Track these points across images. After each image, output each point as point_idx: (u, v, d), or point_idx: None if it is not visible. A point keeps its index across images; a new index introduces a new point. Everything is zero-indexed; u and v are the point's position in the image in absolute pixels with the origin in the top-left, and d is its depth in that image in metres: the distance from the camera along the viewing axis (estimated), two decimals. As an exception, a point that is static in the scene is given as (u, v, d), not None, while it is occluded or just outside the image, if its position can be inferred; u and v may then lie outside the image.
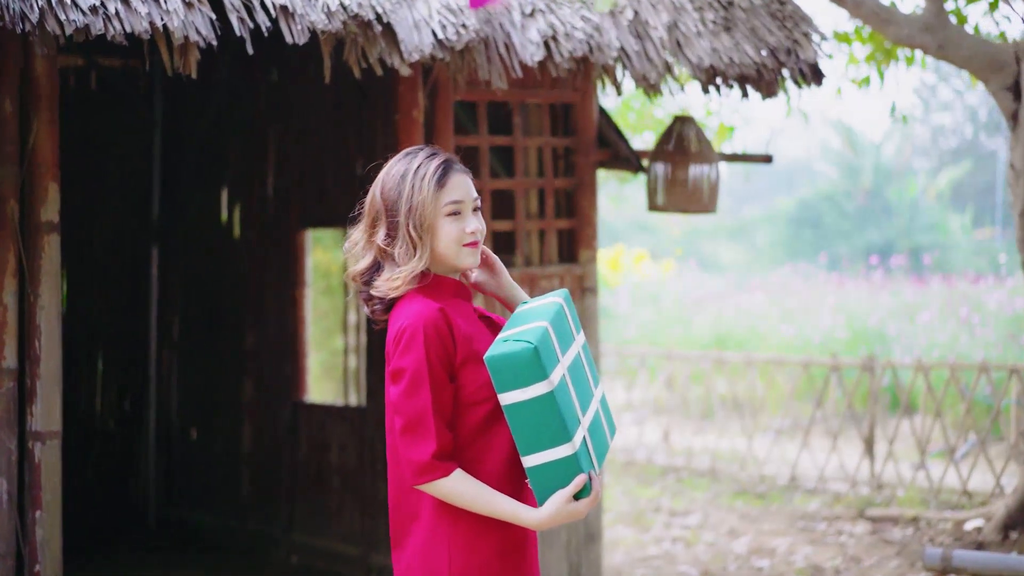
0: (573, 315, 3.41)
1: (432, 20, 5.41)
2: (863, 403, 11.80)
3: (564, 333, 3.28)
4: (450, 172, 3.29)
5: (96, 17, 4.53)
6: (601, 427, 3.36)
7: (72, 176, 8.84)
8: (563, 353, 3.23)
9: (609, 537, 8.95)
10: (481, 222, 3.35)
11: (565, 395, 3.16)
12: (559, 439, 3.11)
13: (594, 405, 3.34)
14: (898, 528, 8.90)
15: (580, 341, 3.39)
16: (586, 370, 3.37)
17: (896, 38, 7.64)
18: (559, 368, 3.17)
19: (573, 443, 3.12)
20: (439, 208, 3.26)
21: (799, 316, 16.17)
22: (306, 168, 8.11)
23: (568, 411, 3.15)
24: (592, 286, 7.01)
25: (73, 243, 8.90)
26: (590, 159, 7.00)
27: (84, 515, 8.67)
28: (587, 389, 3.32)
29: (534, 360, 3.07)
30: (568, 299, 3.43)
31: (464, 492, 3.19)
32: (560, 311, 3.31)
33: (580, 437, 3.16)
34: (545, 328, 3.16)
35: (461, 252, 3.29)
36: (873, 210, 29.88)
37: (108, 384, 9.09)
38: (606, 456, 3.40)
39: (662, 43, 6.27)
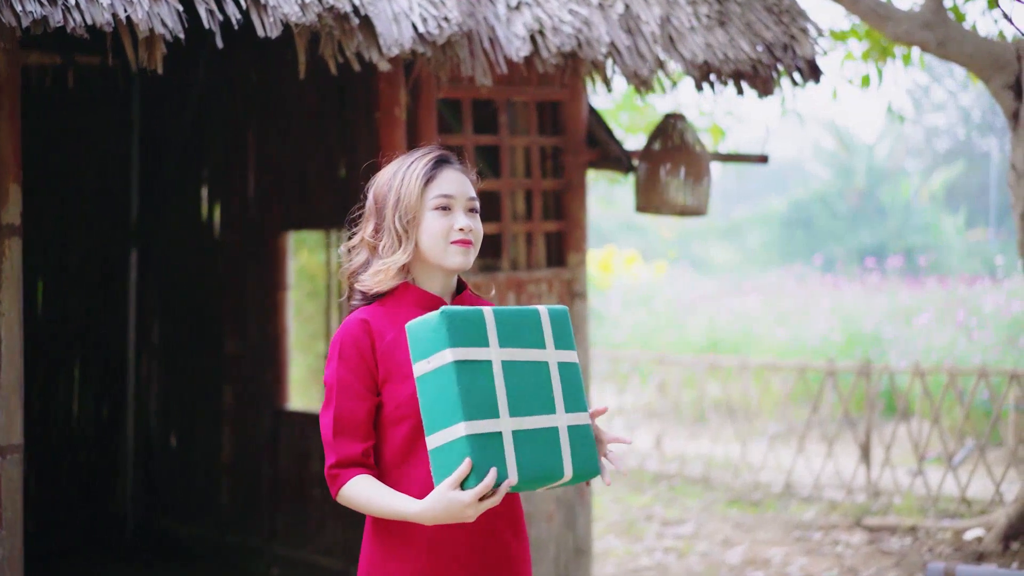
0: (559, 330, 3.16)
1: (412, 13, 5.17)
2: (859, 408, 11.63)
3: (518, 332, 3.07)
4: (443, 167, 3.18)
5: (55, 8, 4.29)
6: (551, 451, 3.07)
7: (48, 178, 8.67)
8: (503, 345, 3.04)
9: (600, 548, 8.75)
10: (476, 223, 3.19)
11: (480, 378, 2.98)
12: (455, 417, 2.94)
13: (545, 421, 3.07)
14: (896, 538, 8.72)
15: (553, 356, 3.13)
16: (554, 388, 3.11)
17: (895, 35, 7.46)
18: (482, 351, 2.99)
19: (471, 425, 2.93)
20: (426, 201, 3.15)
21: (794, 319, 16.01)
22: (287, 169, 7.89)
23: (476, 394, 2.96)
24: (581, 291, 6.79)
25: (49, 246, 8.70)
26: (579, 159, 6.78)
27: (61, 525, 8.49)
28: (536, 400, 3.07)
29: (439, 327, 2.95)
30: (557, 314, 3.18)
31: (360, 497, 3.10)
32: (526, 313, 3.12)
33: (487, 428, 2.96)
34: (480, 311, 3.02)
35: (448, 249, 3.15)
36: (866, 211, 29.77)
37: (86, 391, 8.87)
38: (549, 484, 3.09)
39: (654, 38, 6.03)
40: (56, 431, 8.66)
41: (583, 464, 3.12)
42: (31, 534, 8.33)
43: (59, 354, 8.75)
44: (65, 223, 8.77)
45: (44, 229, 8.64)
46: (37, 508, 8.49)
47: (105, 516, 8.81)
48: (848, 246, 28.32)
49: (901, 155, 32.78)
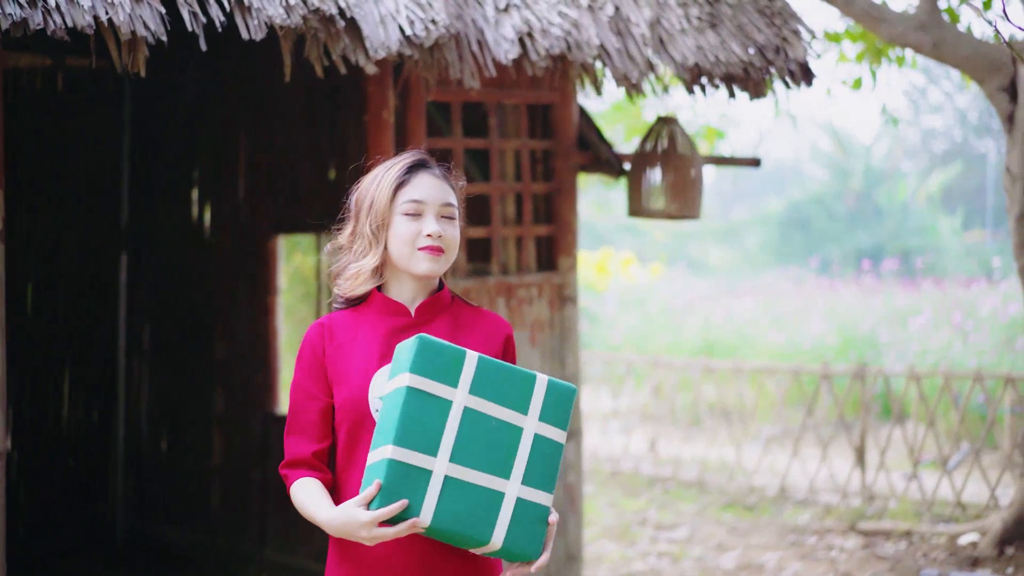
0: (555, 405, 3.05)
1: (399, 15, 5.11)
2: (854, 411, 11.58)
3: (498, 387, 3.00)
4: (417, 172, 3.16)
5: (35, 10, 4.24)
6: (484, 513, 2.95)
7: (39, 180, 8.62)
8: (475, 393, 2.98)
9: (593, 553, 8.70)
10: (449, 229, 3.15)
11: (431, 412, 2.92)
12: (388, 438, 2.90)
13: (491, 483, 2.97)
14: (891, 542, 8.67)
15: (532, 426, 3.03)
16: (517, 455, 3.00)
17: (889, 37, 7.42)
18: (444, 389, 2.94)
19: (397, 451, 2.88)
20: (396, 206, 3.13)
21: (789, 321, 15.96)
22: (278, 172, 7.84)
23: (419, 425, 2.91)
24: (572, 295, 6.74)
25: (40, 249, 8.65)
26: (570, 162, 6.73)
27: (52, 529, 8.43)
28: (490, 458, 2.98)
29: (411, 350, 2.93)
30: (561, 389, 3.07)
31: (297, 500, 3.12)
32: (520, 374, 3.03)
33: (415, 460, 2.89)
34: (464, 352, 2.98)
35: (415, 256, 3.13)
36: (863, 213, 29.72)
37: (76, 395, 8.81)
38: (470, 546, 2.98)
39: (644, 40, 5.98)
40: (46, 435, 8.61)
41: (519, 542, 2.99)
42: (21, 538, 8.30)
43: (49, 358, 8.69)
44: (56, 226, 8.71)
45: (35, 232, 8.59)
46: (28, 512, 8.45)
47: (95, 520, 8.76)
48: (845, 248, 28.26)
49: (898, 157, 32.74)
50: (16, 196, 8.46)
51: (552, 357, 6.70)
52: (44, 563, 8.08)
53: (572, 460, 6.80)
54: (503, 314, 6.49)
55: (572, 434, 6.82)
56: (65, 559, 8.20)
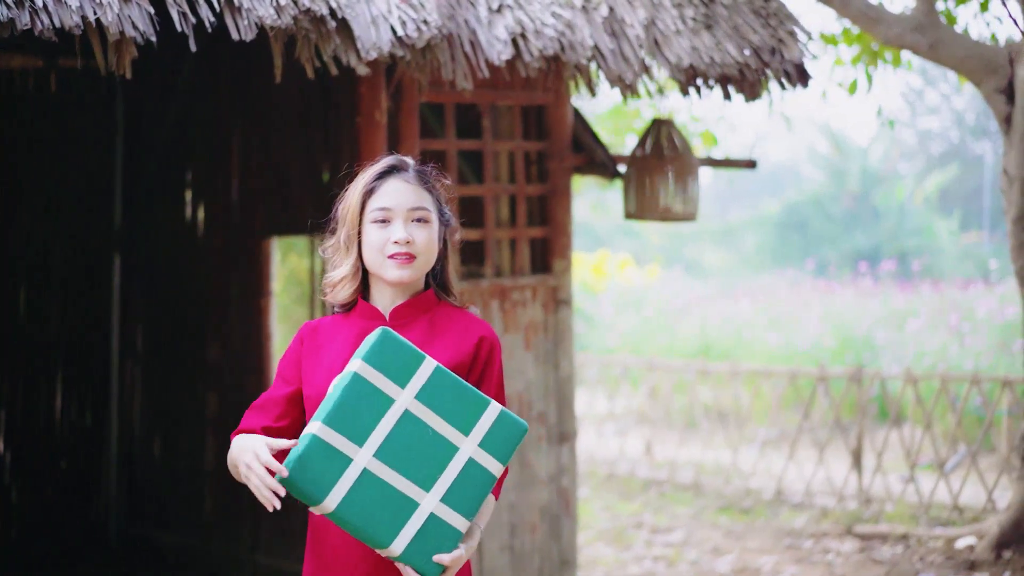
0: (499, 436, 3.02)
1: (391, 16, 5.07)
2: (851, 414, 11.54)
3: (446, 401, 2.99)
4: (386, 178, 3.17)
5: (22, 11, 4.20)
6: (392, 516, 2.94)
7: (31, 182, 8.58)
8: (420, 399, 2.97)
9: (588, 556, 8.66)
10: (420, 233, 3.15)
11: (370, 404, 2.93)
12: (321, 414, 2.92)
13: (409, 489, 2.95)
14: (887, 546, 8.63)
15: (469, 448, 3.00)
16: (444, 471, 2.97)
17: (886, 38, 7.38)
18: (392, 387, 2.95)
19: (324, 430, 2.90)
20: (366, 214, 3.16)
21: (785, 323, 15.92)
22: (271, 173, 7.80)
23: (354, 412, 2.92)
24: (566, 298, 6.69)
25: (32, 252, 8.60)
26: (564, 164, 6.68)
27: (43, 532, 8.39)
28: (415, 466, 2.96)
29: (370, 339, 2.96)
30: (510, 422, 3.04)
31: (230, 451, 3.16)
32: (473, 396, 3.02)
33: (340, 444, 2.90)
34: (423, 356, 2.99)
35: (385, 263, 3.16)
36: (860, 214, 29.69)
37: (69, 398, 8.77)
38: (371, 544, 2.96)
39: (639, 41, 5.93)
40: (39, 438, 8.56)
41: (418, 556, 2.97)
42: (13, 541, 8.26)
43: (42, 360, 8.64)
44: (49, 227, 8.66)
45: (28, 233, 8.55)
46: (20, 515, 8.40)
47: (88, 524, 8.71)
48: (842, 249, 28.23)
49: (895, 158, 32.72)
50: (9, 198, 8.44)
51: (546, 360, 6.66)
52: (36, 566, 8.04)
53: (566, 464, 6.76)
54: (497, 317, 6.45)
55: (566, 437, 6.77)
56: (57, 562, 8.16)
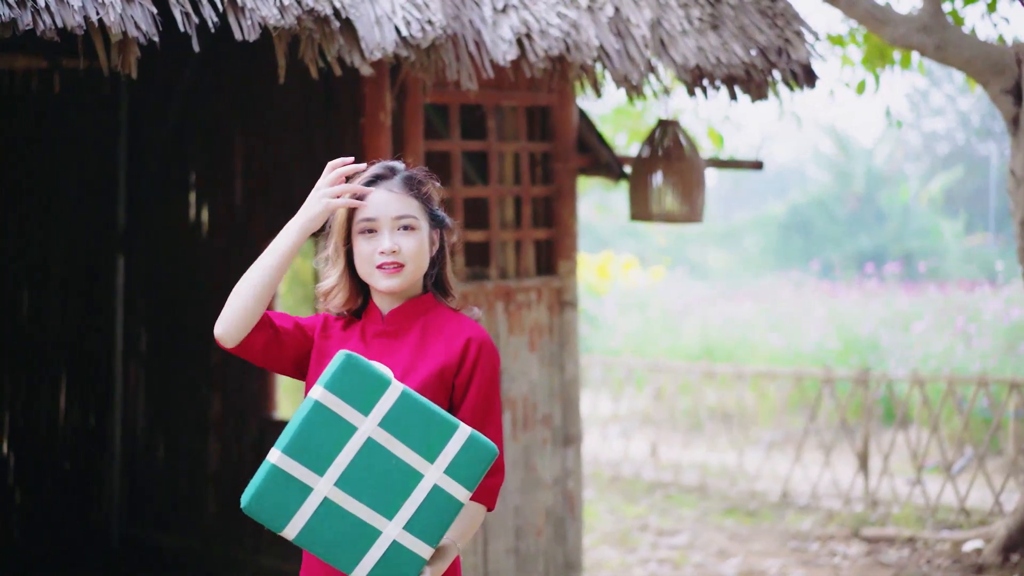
0: (466, 462, 2.98)
1: (395, 16, 5.03)
2: (857, 416, 11.50)
3: (411, 428, 2.96)
4: (373, 188, 3.18)
5: (24, 11, 4.16)
6: (353, 544, 2.93)
7: (34, 182, 8.54)
8: (383, 426, 2.94)
9: (593, 559, 8.62)
10: (406, 241, 3.15)
11: (331, 433, 2.91)
12: (281, 442, 2.91)
13: (371, 518, 2.94)
14: (894, 549, 8.59)
15: (434, 475, 2.96)
16: (408, 499, 2.95)
17: (892, 39, 7.34)
18: (354, 415, 2.93)
19: (283, 459, 2.90)
20: (353, 225, 3.18)
21: (789, 325, 15.88)
22: (273, 175, 7.77)
23: (314, 441, 2.90)
24: (571, 299, 6.65)
25: (35, 253, 8.57)
26: (569, 165, 6.65)
27: (45, 533, 8.36)
28: (378, 494, 2.94)
29: (332, 366, 2.93)
30: (479, 448, 2.99)
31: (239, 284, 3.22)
32: (441, 420, 2.98)
33: (299, 473, 2.90)
34: (389, 382, 2.95)
35: (374, 273, 3.18)
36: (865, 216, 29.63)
37: (72, 399, 8.73)
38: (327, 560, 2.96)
39: (644, 42, 5.89)
40: (42, 439, 8.53)
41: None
42: (16, 542, 8.23)
43: (45, 362, 8.61)
44: (51, 229, 8.63)
45: (29, 235, 8.51)
46: (22, 517, 8.37)
47: (89, 525, 8.68)
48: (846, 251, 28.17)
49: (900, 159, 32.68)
50: (11, 198, 8.40)
51: (551, 362, 6.62)
52: (38, 567, 8.01)
53: (571, 466, 6.72)
54: (502, 319, 6.41)
55: (571, 440, 6.73)
56: (59, 563, 8.13)
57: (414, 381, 3.13)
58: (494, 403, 3.19)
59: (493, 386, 3.19)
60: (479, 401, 3.16)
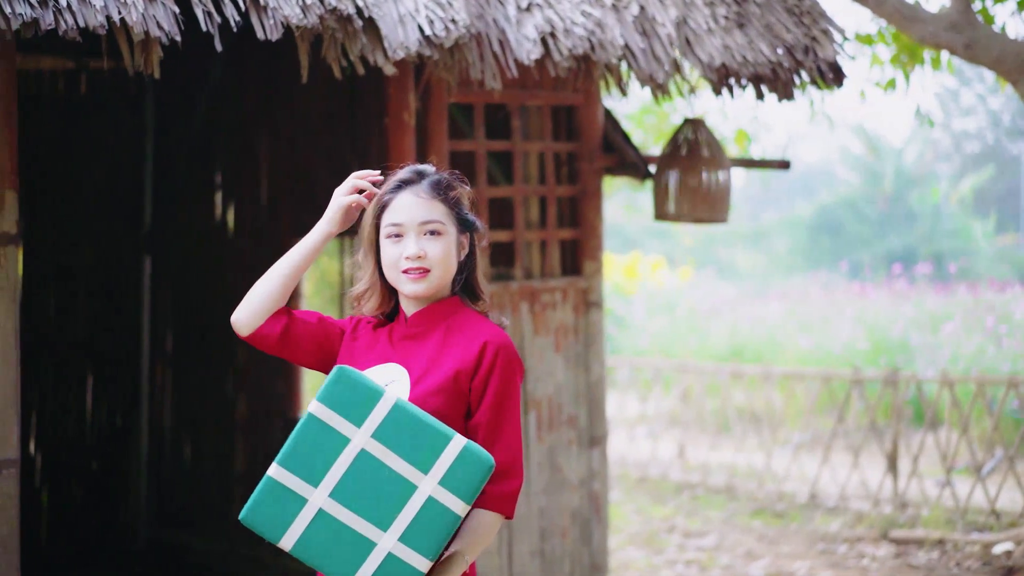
0: (461, 473, 2.96)
1: (419, 14, 5.01)
2: (886, 417, 11.42)
3: (403, 438, 2.97)
4: (398, 192, 3.19)
5: (46, 10, 4.16)
6: (349, 555, 2.95)
7: (61, 183, 8.56)
8: (376, 437, 2.96)
9: (620, 560, 8.58)
10: (432, 246, 3.14)
11: (325, 445, 2.95)
12: (279, 455, 2.99)
13: (366, 529, 2.95)
14: (923, 551, 8.52)
15: (428, 486, 2.96)
16: (402, 511, 2.95)
17: (921, 37, 7.27)
18: (347, 427, 2.96)
19: (279, 471, 2.96)
20: (381, 230, 3.19)
21: (818, 326, 15.79)
22: (298, 174, 7.76)
23: (309, 454, 2.95)
24: (597, 300, 6.62)
25: (62, 254, 8.59)
26: (595, 165, 6.61)
27: (72, 535, 8.38)
28: (372, 505, 2.96)
29: (326, 381, 2.98)
30: (473, 459, 2.97)
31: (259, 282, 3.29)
32: (433, 431, 2.97)
33: (294, 485, 2.95)
34: (381, 393, 2.97)
35: (400, 278, 3.19)
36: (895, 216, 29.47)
37: (99, 400, 8.75)
38: (322, 571, 2.99)
39: (670, 40, 5.85)
40: (68, 441, 8.55)
41: None
42: (43, 544, 8.25)
43: (71, 362, 8.63)
44: (78, 230, 8.65)
45: (56, 236, 8.53)
46: (49, 518, 8.39)
47: (116, 526, 8.70)
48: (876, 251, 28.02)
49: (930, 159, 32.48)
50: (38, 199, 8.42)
51: (577, 363, 6.59)
52: (64, 568, 8.02)
53: (597, 468, 6.69)
54: (527, 319, 6.39)
55: (597, 441, 6.70)
56: (85, 564, 8.15)
57: (429, 385, 3.12)
58: (510, 408, 3.16)
59: (510, 391, 3.16)
60: (494, 406, 3.13)
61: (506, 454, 3.12)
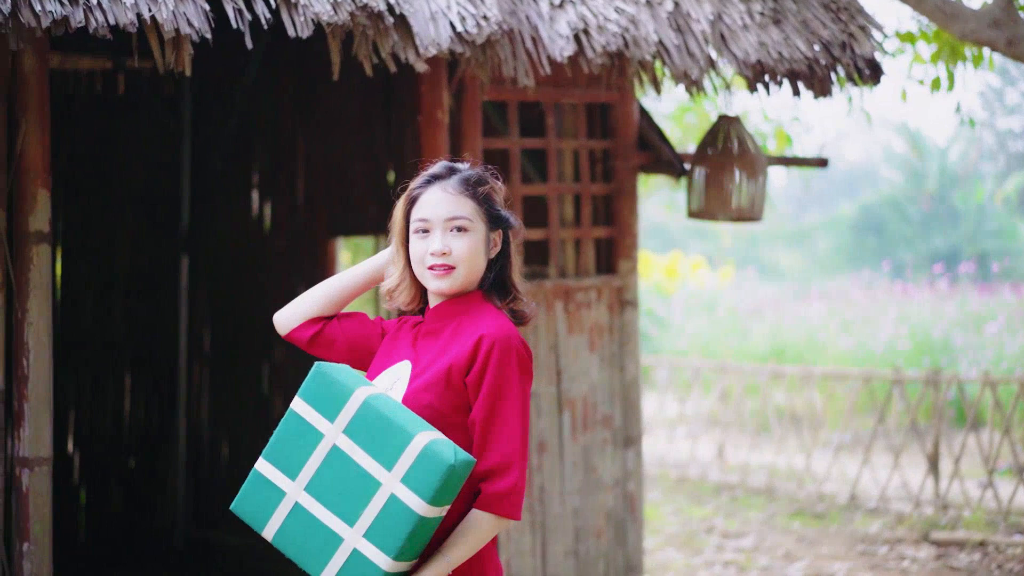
0: (423, 473, 2.93)
1: (450, 11, 4.98)
2: (927, 417, 11.33)
3: (372, 435, 2.99)
4: (427, 187, 3.17)
5: (76, 8, 4.16)
6: (320, 549, 2.97)
7: (99, 183, 8.60)
8: (347, 433, 2.99)
9: (658, 561, 8.53)
10: (458, 242, 3.11)
11: (303, 439, 3.01)
12: (263, 450, 3.07)
13: (335, 524, 2.97)
14: (964, 553, 8.43)
15: (391, 484, 2.94)
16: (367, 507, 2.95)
17: (962, 35, 7.19)
18: (322, 422, 3.01)
19: (264, 465, 3.05)
20: (410, 225, 3.18)
21: (859, 326, 15.68)
22: (334, 174, 7.77)
23: (289, 448, 3.02)
24: (632, 299, 6.57)
25: (101, 254, 8.62)
26: (630, 163, 6.57)
27: (110, 534, 8.40)
28: (342, 500, 2.98)
29: (307, 378, 3.04)
30: (434, 458, 2.93)
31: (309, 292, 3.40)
32: (397, 428, 2.97)
33: (276, 478, 3.02)
34: (352, 390, 2.99)
35: (425, 274, 3.16)
36: (938, 216, 29.27)
37: (136, 399, 8.78)
38: (298, 564, 3.02)
39: (704, 36, 5.80)
40: (107, 440, 8.58)
41: None
42: (81, 543, 8.28)
43: (110, 362, 8.66)
44: (116, 229, 8.68)
45: (94, 235, 8.56)
46: (87, 518, 8.42)
47: (154, 525, 8.72)
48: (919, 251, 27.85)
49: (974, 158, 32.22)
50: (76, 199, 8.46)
51: (611, 363, 6.55)
52: (103, 567, 8.05)
53: (631, 468, 6.64)
54: (561, 318, 6.35)
55: (632, 441, 6.65)
56: (124, 564, 8.17)
57: (422, 381, 3.10)
58: (507, 404, 3.07)
59: (506, 387, 3.07)
60: (488, 402, 3.06)
61: (499, 452, 3.05)
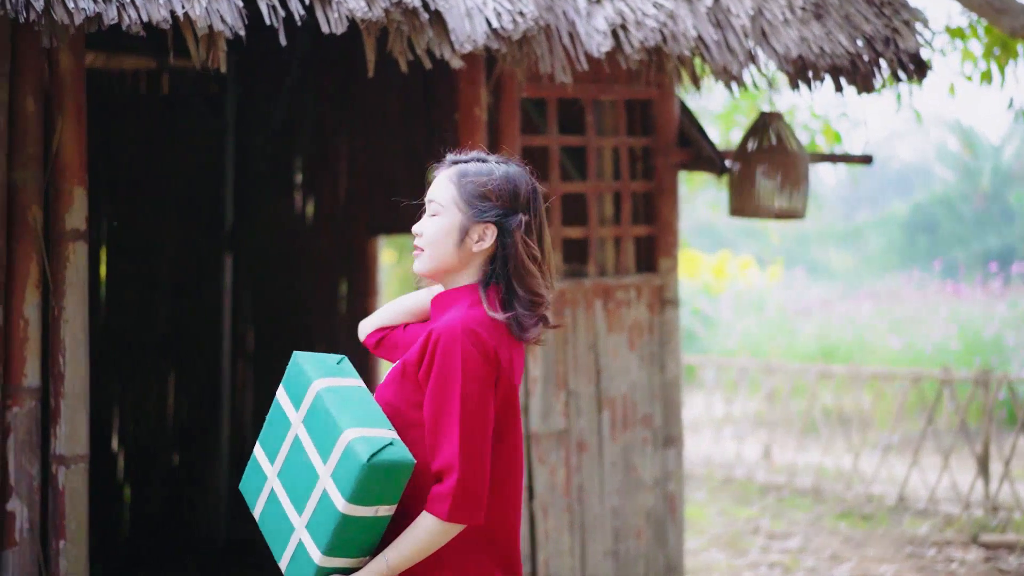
0: (344, 466, 2.90)
1: (486, 7, 4.95)
2: (977, 418, 11.19)
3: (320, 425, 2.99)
4: (436, 171, 3.25)
5: (109, 5, 4.16)
6: (280, 535, 3.02)
7: (143, 182, 8.64)
8: (305, 423, 3.02)
9: (702, 561, 8.47)
10: (428, 226, 3.15)
11: (279, 425, 3.08)
12: (259, 436, 3.17)
13: (289, 512, 3.02)
14: (1014, 556, 8.34)
15: (326, 478, 2.93)
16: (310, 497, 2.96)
17: (1011, 30, 7.08)
18: (290, 410, 3.05)
19: (257, 448, 3.14)
20: None
21: (909, 326, 15.54)
22: (376, 172, 7.76)
23: (271, 433, 3.10)
24: (672, 298, 6.52)
25: (144, 252, 8.66)
26: (670, 160, 6.52)
27: (153, 532, 8.43)
28: (296, 488, 3.01)
29: (288, 365, 3.10)
30: (350, 453, 2.90)
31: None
32: (332, 422, 2.97)
33: (263, 460, 3.12)
34: (308, 381, 3.03)
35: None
36: (991, 215, 28.97)
37: (180, 397, 8.81)
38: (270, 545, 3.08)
39: (744, 31, 5.74)
40: (150, 438, 8.61)
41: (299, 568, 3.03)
42: (124, 540, 8.31)
43: (153, 360, 8.70)
44: (160, 228, 8.72)
45: (139, 234, 8.60)
46: (131, 515, 8.46)
47: (196, 525, 8.74)
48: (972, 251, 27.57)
49: (1028, 157, 31.88)
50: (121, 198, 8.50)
51: (652, 362, 6.50)
52: (144, 566, 8.07)
53: (672, 468, 6.59)
54: (600, 316, 6.31)
55: (672, 441, 6.59)
56: (165, 562, 8.19)
57: (387, 378, 3.14)
58: (450, 403, 2.97)
59: (449, 384, 2.97)
60: (433, 402, 2.99)
61: (443, 454, 2.96)
